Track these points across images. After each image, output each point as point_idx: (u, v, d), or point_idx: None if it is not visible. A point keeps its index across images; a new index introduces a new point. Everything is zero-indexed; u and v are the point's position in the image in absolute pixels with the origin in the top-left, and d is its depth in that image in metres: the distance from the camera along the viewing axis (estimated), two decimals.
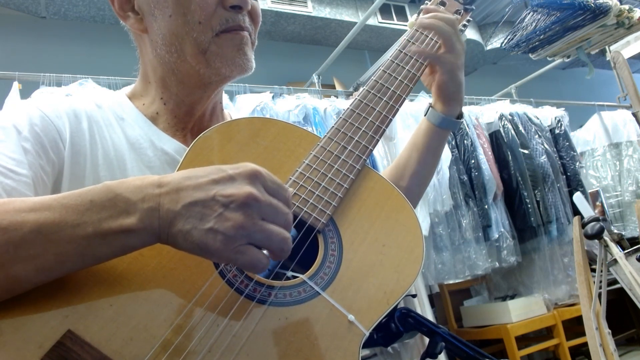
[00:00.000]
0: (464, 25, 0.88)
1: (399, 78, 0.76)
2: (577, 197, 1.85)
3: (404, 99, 0.74)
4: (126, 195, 0.45)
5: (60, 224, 0.43)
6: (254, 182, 0.47)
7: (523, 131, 3.13)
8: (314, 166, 0.64)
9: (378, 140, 0.69)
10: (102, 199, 0.45)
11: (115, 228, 0.44)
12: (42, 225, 0.43)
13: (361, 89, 0.74)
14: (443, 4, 0.89)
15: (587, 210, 1.80)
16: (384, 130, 0.70)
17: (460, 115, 0.85)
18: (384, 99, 0.73)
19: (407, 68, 0.77)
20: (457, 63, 0.80)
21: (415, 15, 0.87)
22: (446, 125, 0.84)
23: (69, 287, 0.46)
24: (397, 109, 0.73)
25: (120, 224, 0.44)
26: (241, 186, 0.46)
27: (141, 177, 0.47)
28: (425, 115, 0.86)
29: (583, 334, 1.65)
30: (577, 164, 3.33)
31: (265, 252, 0.47)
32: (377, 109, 0.72)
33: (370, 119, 0.71)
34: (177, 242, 0.45)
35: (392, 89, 0.74)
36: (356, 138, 0.68)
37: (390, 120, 0.72)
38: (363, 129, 0.69)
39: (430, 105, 0.85)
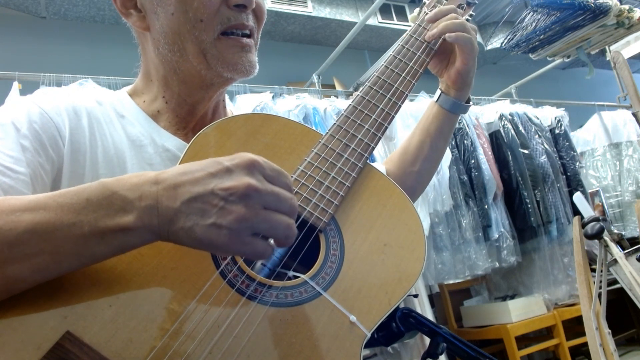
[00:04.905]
0: (467, 20, 0.87)
1: (402, 74, 0.75)
2: (577, 197, 1.85)
3: (406, 95, 0.73)
4: (123, 193, 0.44)
5: (55, 223, 0.43)
6: (252, 172, 0.46)
7: (523, 131, 3.13)
8: (315, 164, 0.63)
9: (380, 138, 0.68)
10: (98, 197, 0.44)
11: (112, 227, 0.44)
12: (37, 225, 0.42)
13: (363, 86, 0.73)
14: None
15: (587, 210, 1.80)
16: (386, 127, 0.70)
17: (468, 99, 0.86)
18: (387, 95, 0.72)
19: (410, 64, 0.77)
20: (476, 46, 0.80)
21: (418, 9, 0.86)
22: (458, 110, 0.85)
23: (67, 287, 0.45)
24: (400, 106, 0.72)
25: (117, 222, 0.44)
26: (239, 177, 0.45)
27: (138, 174, 0.47)
28: (436, 101, 0.86)
29: (583, 334, 1.64)
30: (577, 164, 3.33)
31: (271, 240, 0.47)
32: (380, 106, 0.71)
33: (372, 116, 0.70)
34: (180, 240, 0.45)
35: (394, 85, 0.74)
36: (358, 135, 0.67)
37: (393, 117, 0.71)
38: (365, 126, 0.69)
39: (442, 91, 0.86)
